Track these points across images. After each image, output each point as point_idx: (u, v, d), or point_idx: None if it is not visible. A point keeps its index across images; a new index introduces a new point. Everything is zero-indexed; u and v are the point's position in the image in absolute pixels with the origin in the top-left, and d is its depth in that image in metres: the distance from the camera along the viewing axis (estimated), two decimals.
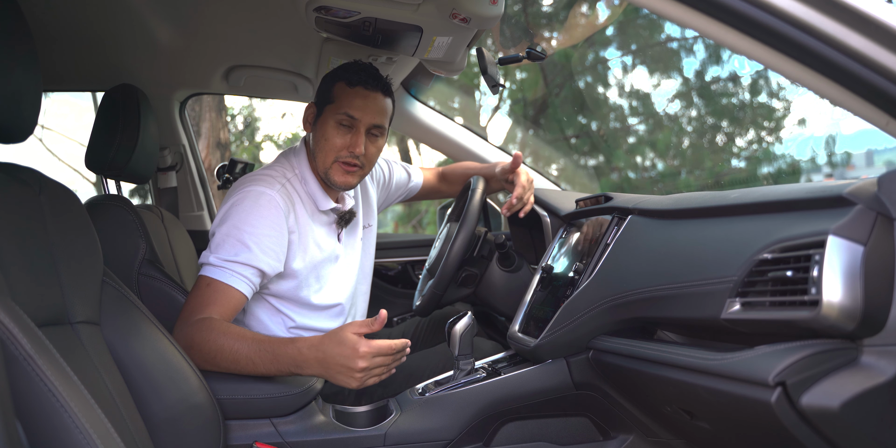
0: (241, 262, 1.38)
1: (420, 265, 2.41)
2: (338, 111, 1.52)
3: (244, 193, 1.46)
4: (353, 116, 1.52)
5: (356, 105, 1.52)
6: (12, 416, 0.75)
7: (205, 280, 1.38)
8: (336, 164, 1.54)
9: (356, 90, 1.53)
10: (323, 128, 1.54)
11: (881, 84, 0.75)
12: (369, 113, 1.53)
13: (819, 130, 6.84)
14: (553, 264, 1.55)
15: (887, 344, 0.77)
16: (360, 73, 1.54)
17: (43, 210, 1.04)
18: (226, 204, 1.48)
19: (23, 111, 1.00)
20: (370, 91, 1.54)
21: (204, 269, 1.40)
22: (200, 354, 1.28)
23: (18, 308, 0.85)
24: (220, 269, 1.38)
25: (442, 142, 2.20)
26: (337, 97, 1.53)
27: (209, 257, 1.40)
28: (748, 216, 0.97)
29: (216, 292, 1.36)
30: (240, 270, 1.38)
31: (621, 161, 7.22)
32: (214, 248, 1.41)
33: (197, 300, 1.36)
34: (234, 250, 1.39)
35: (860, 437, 0.79)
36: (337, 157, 1.53)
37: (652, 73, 7.44)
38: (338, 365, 1.22)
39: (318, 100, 1.58)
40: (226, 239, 1.41)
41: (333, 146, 1.53)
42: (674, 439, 1.30)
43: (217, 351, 1.27)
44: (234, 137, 8.01)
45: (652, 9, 0.83)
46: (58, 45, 1.83)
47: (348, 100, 1.52)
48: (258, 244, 1.41)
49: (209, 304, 1.35)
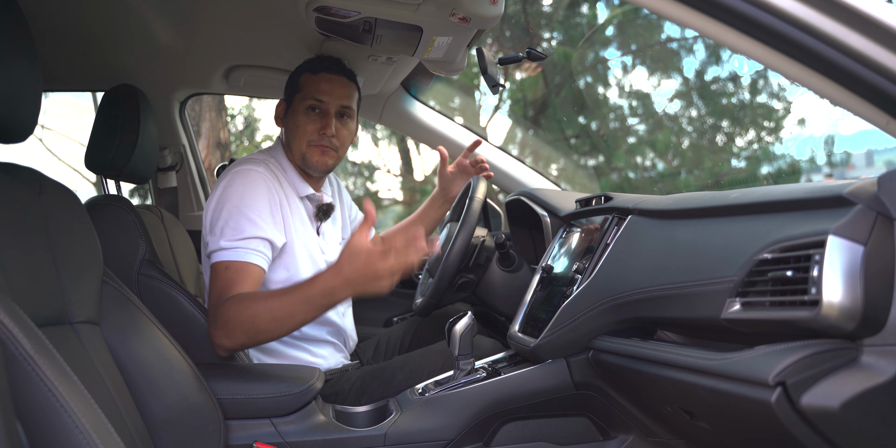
0: (250, 236, 1.42)
1: (420, 265, 2.41)
2: (305, 98, 1.61)
3: (233, 174, 1.51)
4: (321, 99, 1.60)
5: (322, 89, 1.60)
6: (12, 416, 0.75)
7: (222, 264, 1.40)
8: (310, 148, 1.61)
9: (321, 76, 1.62)
10: (294, 117, 1.62)
11: (881, 84, 0.75)
12: (336, 95, 1.61)
13: (819, 130, 6.84)
14: (553, 264, 1.55)
15: (887, 344, 0.77)
16: (322, 62, 1.64)
17: (43, 210, 1.04)
18: (217, 187, 1.52)
19: (23, 111, 1.00)
20: (334, 75, 1.63)
21: (217, 255, 1.42)
22: (241, 328, 1.30)
23: (18, 308, 0.85)
24: (234, 250, 1.41)
25: (442, 142, 2.20)
26: (304, 86, 1.62)
27: (219, 242, 1.42)
28: (748, 216, 0.97)
29: (237, 272, 1.39)
30: (252, 246, 1.42)
31: (621, 161, 7.22)
32: (220, 231, 1.43)
33: (220, 285, 1.38)
34: (240, 227, 1.42)
35: (860, 437, 0.79)
36: (310, 141, 1.60)
37: (652, 73, 7.43)
38: (362, 278, 1.22)
39: (287, 93, 1.67)
40: (229, 220, 1.43)
41: (305, 131, 1.60)
42: (674, 439, 1.30)
43: (254, 317, 1.29)
44: (234, 137, 8.00)
45: (652, 9, 0.83)
46: (58, 45, 1.83)
47: (314, 85, 1.61)
48: (260, 216, 1.45)
49: (233, 285, 1.37)
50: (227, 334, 1.31)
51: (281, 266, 1.55)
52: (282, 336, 1.36)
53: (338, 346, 1.69)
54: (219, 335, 1.32)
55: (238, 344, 1.33)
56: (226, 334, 1.31)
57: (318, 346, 1.63)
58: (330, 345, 1.66)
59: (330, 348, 1.66)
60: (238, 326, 1.30)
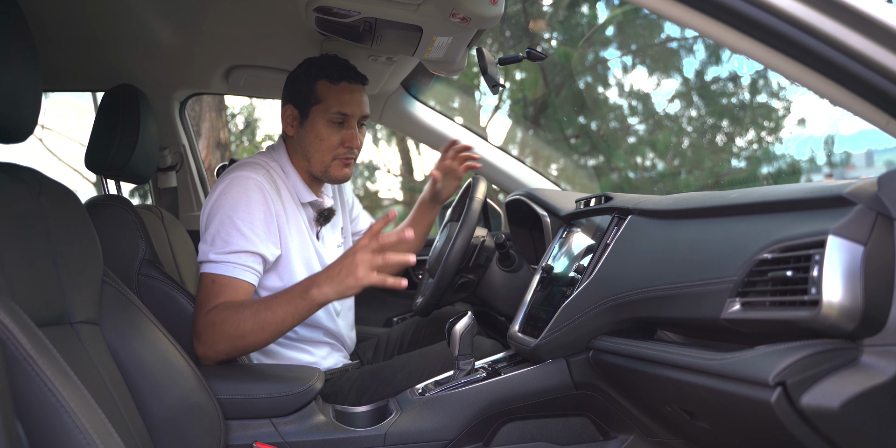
0: (240, 251, 1.40)
1: (420, 265, 2.41)
2: (328, 110, 1.54)
3: (230, 180, 1.47)
4: (347, 113, 1.54)
5: (346, 101, 1.54)
6: (12, 416, 0.75)
7: (209, 277, 1.39)
8: (335, 161, 1.56)
9: (342, 86, 1.55)
10: (314, 128, 1.55)
11: (881, 84, 0.75)
12: (360, 106, 1.56)
13: (819, 130, 6.84)
14: (553, 264, 1.55)
15: (887, 344, 0.77)
16: (337, 69, 1.55)
17: (43, 210, 1.04)
18: (213, 193, 1.49)
19: (23, 111, 1.00)
20: (354, 84, 1.56)
21: (205, 266, 1.40)
22: (225, 334, 1.30)
23: (18, 308, 0.85)
24: (222, 264, 1.39)
25: (442, 142, 2.19)
26: (324, 96, 1.54)
27: (209, 254, 1.40)
28: (748, 216, 0.97)
29: (223, 286, 1.38)
30: (241, 261, 1.39)
31: (621, 161, 7.21)
32: (211, 241, 1.41)
33: (204, 297, 1.37)
34: (231, 240, 1.40)
35: (860, 437, 0.79)
36: (335, 155, 1.56)
37: (652, 73, 7.43)
38: (339, 270, 1.27)
39: (299, 101, 1.58)
40: (220, 230, 1.41)
41: (331, 145, 1.55)
42: (674, 439, 1.30)
43: (238, 323, 1.30)
44: (234, 137, 8.00)
45: (652, 9, 0.83)
46: (58, 45, 1.83)
47: (336, 97, 1.54)
48: (253, 229, 1.42)
49: (217, 298, 1.36)
50: (209, 343, 1.31)
51: (274, 275, 1.53)
52: (265, 344, 1.35)
53: (335, 346, 1.69)
54: (200, 345, 1.33)
55: (221, 352, 1.33)
56: (208, 343, 1.31)
57: (316, 347, 1.64)
58: (327, 345, 1.66)
59: (327, 348, 1.66)
60: (222, 334, 1.30)
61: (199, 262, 1.43)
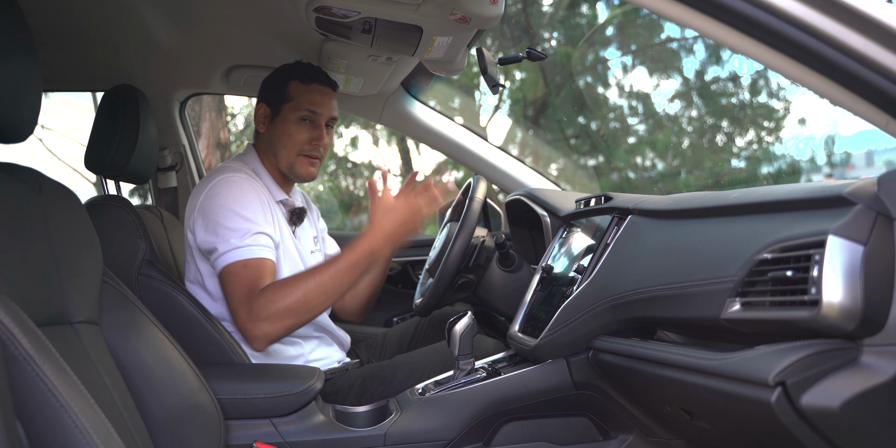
0: (254, 232, 1.45)
1: (420, 265, 2.41)
2: (299, 108, 1.62)
3: (214, 183, 1.52)
4: (316, 111, 1.63)
5: (316, 101, 1.63)
6: (12, 416, 0.75)
7: (238, 264, 1.42)
8: (300, 158, 1.64)
9: (312, 87, 1.64)
10: (284, 125, 1.63)
11: (881, 84, 0.75)
12: (328, 107, 1.65)
13: (819, 130, 6.84)
14: (553, 264, 1.55)
15: (887, 344, 0.77)
16: (310, 72, 1.66)
17: (43, 210, 1.04)
18: (198, 196, 1.52)
19: (23, 111, 1.00)
20: (325, 87, 1.66)
21: (228, 256, 1.42)
22: (291, 310, 1.36)
23: (18, 308, 0.85)
24: (244, 249, 1.43)
25: (442, 142, 2.20)
26: (295, 95, 1.63)
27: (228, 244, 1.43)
28: (748, 216, 0.97)
29: (256, 269, 1.42)
30: (259, 241, 1.45)
31: (621, 161, 7.21)
32: (223, 236, 1.44)
33: (245, 282, 1.40)
34: (241, 229, 1.44)
35: (860, 437, 0.79)
36: (300, 150, 1.63)
37: (652, 73, 7.42)
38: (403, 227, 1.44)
39: (271, 99, 1.66)
40: (225, 221, 1.45)
41: (297, 141, 1.62)
42: (674, 439, 1.30)
43: (305, 295, 1.36)
44: (234, 137, 7.99)
45: (652, 9, 0.83)
46: (58, 45, 1.83)
47: (307, 97, 1.62)
48: (254, 215, 1.47)
49: (259, 280, 1.40)
50: (272, 322, 1.35)
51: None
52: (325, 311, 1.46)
53: (324, 340, 1.69)
54: (261, 326, 1.35)
55: (284, 329, 1.38)
56: (270, 323, 1.35)
57: (307, 340, 1.64)
58: (315, 339, 1.66)
59: (315, 341, 1.66)
60: (287, 310, 1.35)
61: (220, 253, 1.44)
